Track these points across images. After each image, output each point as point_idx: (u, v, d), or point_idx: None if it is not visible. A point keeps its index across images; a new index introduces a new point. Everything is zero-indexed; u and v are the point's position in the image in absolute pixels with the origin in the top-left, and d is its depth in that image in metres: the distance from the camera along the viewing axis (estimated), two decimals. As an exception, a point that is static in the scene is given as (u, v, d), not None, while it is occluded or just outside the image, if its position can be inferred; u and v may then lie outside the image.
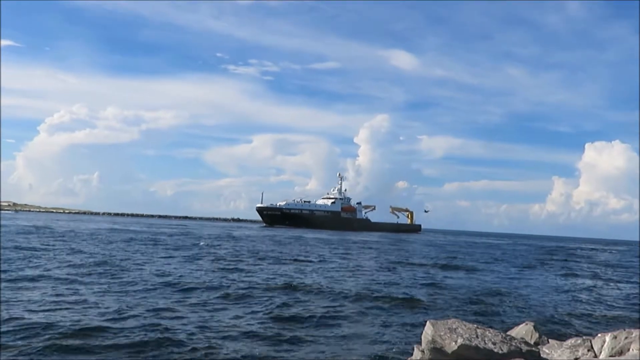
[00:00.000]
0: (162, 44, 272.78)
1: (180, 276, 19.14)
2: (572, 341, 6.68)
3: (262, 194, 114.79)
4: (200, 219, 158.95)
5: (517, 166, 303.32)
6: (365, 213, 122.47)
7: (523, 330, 7.34)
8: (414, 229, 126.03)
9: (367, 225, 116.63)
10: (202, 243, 39.61)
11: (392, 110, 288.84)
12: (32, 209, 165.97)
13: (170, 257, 27.19)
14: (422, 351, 6.26)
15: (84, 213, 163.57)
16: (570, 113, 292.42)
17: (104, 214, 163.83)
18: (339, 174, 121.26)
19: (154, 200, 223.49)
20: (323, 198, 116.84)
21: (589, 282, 26.19)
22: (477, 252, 49.27)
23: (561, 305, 17.56)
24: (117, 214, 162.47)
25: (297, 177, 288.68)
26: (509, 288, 21.28)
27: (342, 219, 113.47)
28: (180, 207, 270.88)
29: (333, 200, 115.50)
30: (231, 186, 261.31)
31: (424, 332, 6.33)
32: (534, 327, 7.42)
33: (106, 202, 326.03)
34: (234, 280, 18.97)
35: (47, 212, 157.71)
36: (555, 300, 18.75)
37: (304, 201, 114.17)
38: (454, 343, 5.82)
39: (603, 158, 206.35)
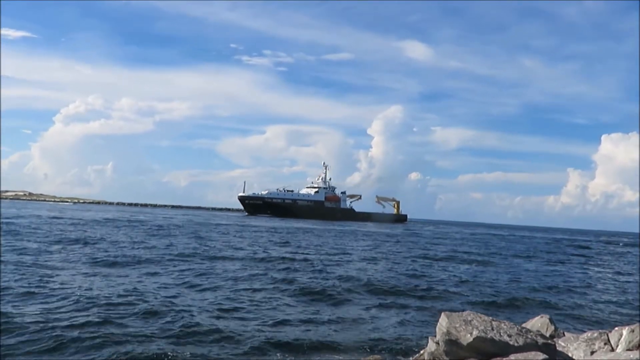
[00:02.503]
0: (176, 36, 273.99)
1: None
2: (589, 334, 6.62)
3: (245, 182, 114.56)
4: (213, 209, 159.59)
5: (531, 158, 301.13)
6: (351, 202, 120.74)
7: (538, 323, 7.28)
8: (400, 219, 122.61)
9: (351, 215, 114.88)
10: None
11: (406, 102, 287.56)
12: (47, 199, 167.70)
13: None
14: (437, 343, 6.23)
15: (98, 203, 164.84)
16: (586, 105, 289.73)
17: (117, 204, 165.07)
18: (324, 163, 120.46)
19: (168, 191, 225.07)
20: (307, 187, 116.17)
21: (604, 275, 25.97)
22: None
23: (577, 298, 17.44)
24: (130, 204, 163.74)
25: (311, 168, 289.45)
26: (520, 281, 21.18)
27: (326, 208, 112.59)
28: (193, 198, 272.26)
29: (317, 189, 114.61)
30: (244, 177, 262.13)
31: (438, 324, 6.29)
32: (550, 320, 7.36)
33: (120, 192, 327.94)
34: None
35: (62, 201, 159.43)
36: (570, 293, 18.61)
37: (287, 190, 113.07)
38: (469, 335, 5.78)
39: (620, 150, 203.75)
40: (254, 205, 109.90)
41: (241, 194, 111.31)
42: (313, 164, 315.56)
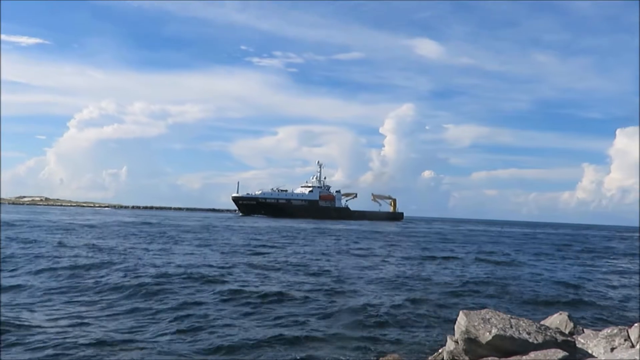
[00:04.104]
0: (187, 38, 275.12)
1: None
2: (608, 331, 6.60)
3: (238, 183, 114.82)
4: (228, 210, 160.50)
5: (546, 154, 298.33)
6: (347, 201, 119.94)
7: (557, 320, 7.26)
8: (396, 217, 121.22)
9: (346, 214, 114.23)
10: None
11: (418, 100, 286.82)
12: (63, 204, 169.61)
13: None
14: (456, 341, 6.27)
15: (114, 207, 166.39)
16: (600, 99, 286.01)
17: (133, 207, 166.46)
18: (318, 162, 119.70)
19: (181, 194, 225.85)
20: (302, 187, 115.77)
21: (621, 270, 25.70)
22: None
23: (596, 294, 17.29)
24: (145, 207, 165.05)
25: (323, 168, 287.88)
26: (536, 278, 21.06)
27: (320, 207, 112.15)
28: (207, 200, 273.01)
29: (311, 188, 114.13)
30: (257, 178, 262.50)
31: (457, 322, 6.33)
32: (569, 316, 7.34)
33: (135, 195, 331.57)
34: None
35: (78, 206, 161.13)
36: (588, 289, 18.45)
37: (281, 190, 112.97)
38: (488, 333, 5.80)
39: (635, 143, 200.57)
40: (247, 205, 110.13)
41: (234, 194, 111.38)
42: (325, 164, 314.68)
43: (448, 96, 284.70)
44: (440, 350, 7.32)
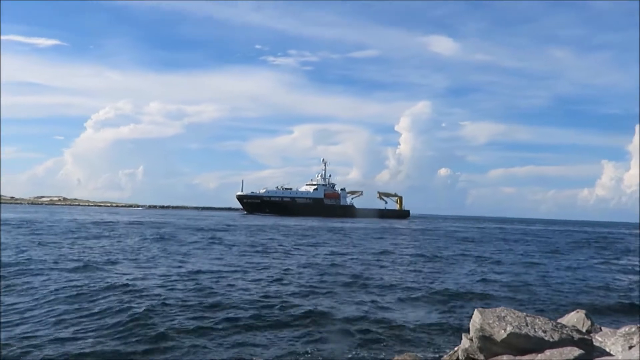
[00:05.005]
0: (202, 38, 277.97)
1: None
2: (626, 329, 6.50)
3: (242, 181, 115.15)
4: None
5: (564, 151, 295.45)
6: (352, 199, 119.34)
7: (574, 318, 7.17)
8: (402, 215, 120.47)
9: (351, 212, 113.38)
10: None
11: (434, 97, 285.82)
12: (81, 203, 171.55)
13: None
14: (471, 339, 6.22)
15: (130, 206, 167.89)
16: (619, 94, 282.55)
17: (149, 207, 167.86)
18: (323, 159, 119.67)
19: (198, 193, 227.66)
20: (306, 185, 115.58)
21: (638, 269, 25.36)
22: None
23: (613, 292, 17.09)
24: (162, 207, 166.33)
25: (339, 167, 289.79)
26: (550, 276, 20.86)
27: (325, 205, 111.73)
28: (223, 199, 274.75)
29: (315, 186, 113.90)
30: (273, 177, 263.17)
31: (471, 320, 6.28)
32: (585, 314, 7.24)
33: (151, 195, 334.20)
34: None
35: (95, 205, 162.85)
36: (606, 288, 18.23)
37: (285, 188, 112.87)
38: (503, 331, 5.75)
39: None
40: (252, 204, 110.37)
41: (239, 192, 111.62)
42: (341, 162, 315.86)
43: (464, 93, 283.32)
44: (455, 349, 7.28)
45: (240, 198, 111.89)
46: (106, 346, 8.97)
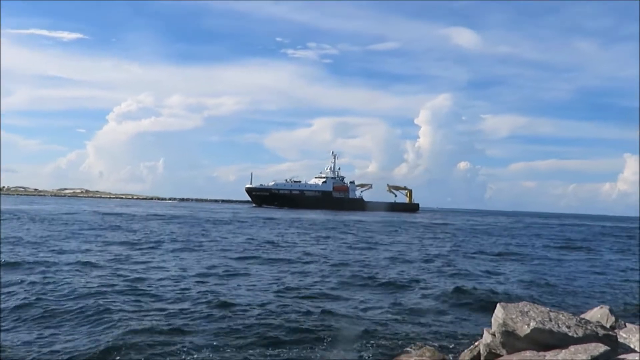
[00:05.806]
0: (223, 32, 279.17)
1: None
2: (652, 326, 6.45)
3: (252, 174, 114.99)
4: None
5: (586, 144, 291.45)
6: (362, 192, 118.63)
7: (598, 314, 7.11)
8: (411, 208, 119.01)
9: (360, 205, 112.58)
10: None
11: (454, 90, 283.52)
12: (102, 196, 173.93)
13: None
14: (493, 334, 6.20)
15: (152, 199, 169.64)
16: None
17: (170, 199, 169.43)
18: (332, 152, 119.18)
19: (218, 186, 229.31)
20: (315, 177, 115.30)
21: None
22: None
23: (635, 289, 16.83)
24: (182, 199, 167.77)
25: (357, 160, 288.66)
26: (568, 273, 20.62)
27: (334, 198, 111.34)
28: (242, 192, 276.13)
29: (324, 179, 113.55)
30: (292, 170, 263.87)
31: (494, 315, 6.26)
32: (610, 310, 7.18)
33: (172, 187, 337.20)
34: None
35: (117, 198, 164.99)
36: (630, 283, 17.97)
37: (294, 181, 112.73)
38: (526, 326, 5.73)
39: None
40: (260, 196, 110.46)
41: (248, 185, 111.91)
42: (360, 155, 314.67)
43: (486, 86, 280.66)
44: (476, 343, 7.26)
45: (249, 191, 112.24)
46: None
